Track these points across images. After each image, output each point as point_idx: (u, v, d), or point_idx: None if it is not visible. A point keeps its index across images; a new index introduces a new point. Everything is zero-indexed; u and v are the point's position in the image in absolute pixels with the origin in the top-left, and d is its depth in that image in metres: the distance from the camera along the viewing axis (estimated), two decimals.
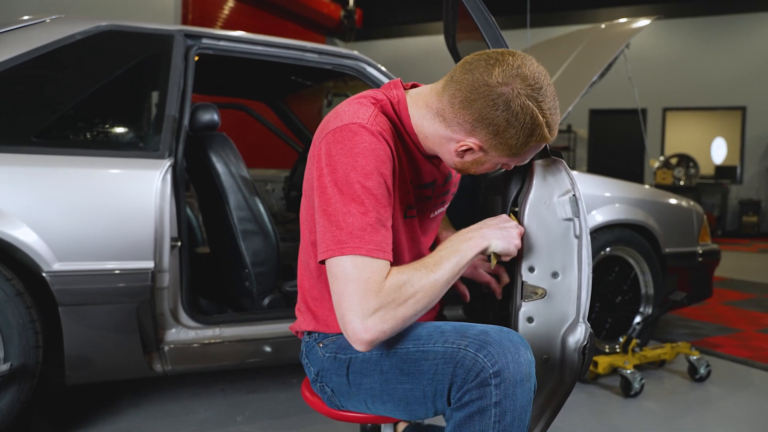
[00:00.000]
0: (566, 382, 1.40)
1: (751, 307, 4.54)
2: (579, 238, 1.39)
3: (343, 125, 1.18)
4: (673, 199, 3.19)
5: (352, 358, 1.27)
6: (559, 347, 1.40)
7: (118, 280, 2.00)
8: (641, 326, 2.89)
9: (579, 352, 1.37)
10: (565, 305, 1.39)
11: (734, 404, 2.56)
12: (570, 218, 1.38)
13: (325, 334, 1.36)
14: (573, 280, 1.39)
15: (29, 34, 2.06)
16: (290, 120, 3.77)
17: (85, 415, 2.29)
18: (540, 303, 1.39)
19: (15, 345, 1.88)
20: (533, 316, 1.39)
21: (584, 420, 2.33)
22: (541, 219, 1.39)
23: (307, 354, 1.40)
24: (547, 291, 1.39)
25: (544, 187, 1.39)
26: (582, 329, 1.38)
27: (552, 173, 1.41)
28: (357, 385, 1.26)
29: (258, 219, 2.34)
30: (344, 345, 1.30)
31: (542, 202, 1.39)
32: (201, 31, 2.31)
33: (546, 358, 1.40)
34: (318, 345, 1.37)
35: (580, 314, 1.39)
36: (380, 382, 1.23)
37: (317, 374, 1.35)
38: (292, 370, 2.81)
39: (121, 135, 2.27)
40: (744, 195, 10.72)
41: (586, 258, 1.39)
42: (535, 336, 1.39)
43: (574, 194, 1.39)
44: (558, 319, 1.40)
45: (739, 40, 10.69)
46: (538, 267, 1.39)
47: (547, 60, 3.45)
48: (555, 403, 1.42)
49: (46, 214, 1.91)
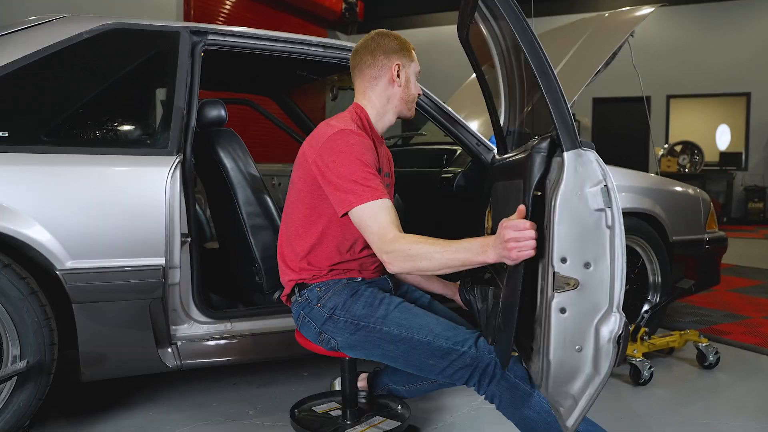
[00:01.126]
0: (601, 372, 1.41)
1: (759, 294, 4.54)
2: (611, 228, 1.39)
3: (337, 131, 1.71)
4: (680, 187, 3.19)
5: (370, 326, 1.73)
6: (593, 337, 1.41)
7: (130, 276, 2.01)
8: (650, 314, 2.89)
9: (614, 341, 1.38)
10: (598, 295, 1.40)
11: (743, 391, 2.57)
12: (602, 209, 1.39)
13: (318, 284, 1.80)
14: (605, 270, 1.39)
15: (37, 34, 2.07)
16: (295, 114, 3.77)
17: (100, 412, 2.32)
18: (572, 294, 1.40)
19: (30, 343, 1.90)
20: (566, 307, 1.40)
21: (595, 408, 2.32)
22: (573, 210, 1.39)
23: (308, 314, 1.81)
24: (580, 282, 1.39)
25: (576, 178, 1.40)
26: (616, 319, 1.39)
27: (583, 164, 1.41)
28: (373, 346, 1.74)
29: (267, 214, 2.35)
30: (340, 302, 1.76)
31: (574, 193, 1.39)
32: (207, 28, 2.32)
33: (579, 348, 1.41)
34: (317, 306, 1.78)
35: (613, 304, 1.40)
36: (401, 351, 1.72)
37: (320, 333, 1.79)
38: (303, 364, 2.83)
39: (129, 132, 2.28)
40: (749, 181, 10.68)
41: (619, 248, 1.39)
42: (568, 327, 1.40)
43: (606, 185, 1.39)
44: (591, 309, 1.41)
45: (743, 26, 10.62)
46: (570, 258, 1.39)
47: (551, 49, 3.43)
48: (589, 393, 1.43)
49: (58, 213, 1.93)
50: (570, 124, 1.45)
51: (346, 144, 1.68)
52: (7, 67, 1.98)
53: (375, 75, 1.86)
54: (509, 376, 1.64)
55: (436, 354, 1.67)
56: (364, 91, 1.88)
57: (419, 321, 1.72)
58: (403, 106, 1.90)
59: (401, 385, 2.11)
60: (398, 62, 1.85)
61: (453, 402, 2.37)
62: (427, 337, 1.68)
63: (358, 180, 1.63)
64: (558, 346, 1.42)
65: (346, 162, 1.65)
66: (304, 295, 1.83)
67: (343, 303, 1.77)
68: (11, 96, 2.03)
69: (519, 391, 1.64)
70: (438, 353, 1.67)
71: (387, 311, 1.73)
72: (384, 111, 1.88)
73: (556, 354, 1.43)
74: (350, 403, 1.98)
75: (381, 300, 1.77)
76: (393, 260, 1.55)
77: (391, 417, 2.02)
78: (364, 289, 1.80)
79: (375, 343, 1.73)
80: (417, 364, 1.71)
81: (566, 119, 1.45)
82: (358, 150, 1.68)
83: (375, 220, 1.60)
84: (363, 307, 1.75)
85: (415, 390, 2.11)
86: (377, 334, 1.72)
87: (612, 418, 2.26)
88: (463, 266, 1.50)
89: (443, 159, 3.13)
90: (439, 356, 1.67)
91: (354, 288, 1.81)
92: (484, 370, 1.65)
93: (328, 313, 1.77)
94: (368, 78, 1.87)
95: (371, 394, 2.18)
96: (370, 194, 1.62)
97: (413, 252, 1.52)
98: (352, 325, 1.75)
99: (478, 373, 1.65)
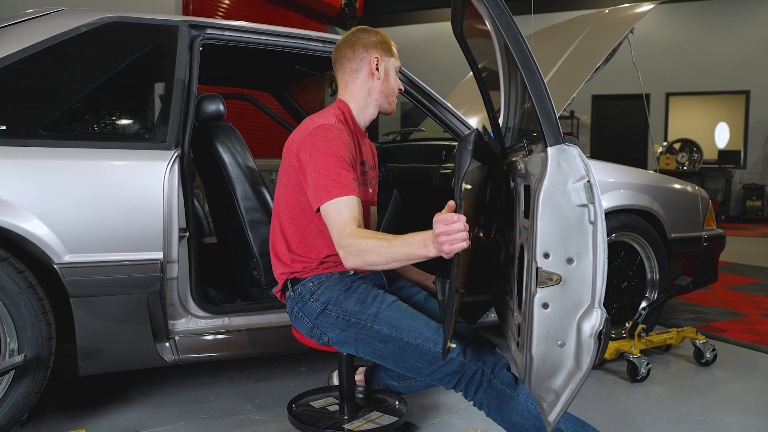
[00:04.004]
0: (582, 368, 1.41)
1: (756, 292, 4.55)
2: (594, 224, 1.39)
3: (317, 126, 1.77)
4: (678, 184, 3.19)
5: (361, 323, 1.74)
6: (575, 333, 1.41)
7: (128, 270, 2.01)
8: (647, 311, 2.90)
9: (595, 337, 1.38)
10: (580, 291, 1.40)
11: (740, 388, 2.57)
12: (585, 204, 1.39)
13: (310, 278, 1.82)
14: (588, 266, 1.40)
15: (35, 27, 2.06)
16: (294, 109, 3.77)
17: (98, 406, 2.32)
18: (555, 289, 1.40)
19: (28, 337, 1.90)
20: (548, 302, 1.40)
21: (592, 404, 2.35)
22: (556, 205, 1.39)
23: (301, 309, 1.83)
24: (562, 277, 1.40)
25: (559, 174, 1.40)
26: (598, 315, 1.39)
27: (566, 159, 1.41)
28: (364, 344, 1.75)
29: (265, 208, 2.35)
30: (333, 297, 1.77)
31: (557, 188, 1.39)
32: (205, 22, 2.31)
33: (561, 343, 1.41)
34: (309, 300, 1.80)
35: (595, 300, 1.40)
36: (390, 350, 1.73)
37: (312, 328, 1.81)
38: (300, 359, 2.83)
39: (128, 126, 2.28)
40: (748, 179, 10.69)
41: (601, 244, 1.39)
42: (551, 322, 1.40)
43: (588, 180, 1.39)
44: (573, 304, 1.41)
45: (742, 24, 10.61)
46: (553, 253, 1.39)
47: (551, 46, 3.44)
48: (571, 388, 1.43)
49: (55, 206, 1.92)
50: (554, 119, 1.45)
51: (325, 139, 1.73)
52: (5, 60, 1.97)
53: (355, 68, 1.90)
54: (496, 383, 1.65)
55: (424, 358, 1.67)
56: (345, 85, 1.93)
57: (410, 322, 1.71)
58: (383, 99, 1.93)
59: (397, 380, 2.11)
60: (377, 55, 1.89)
61: (450, 399, 2.37)
62: (416, 340, 1.68)
63: (331, 174, 1.68)
64: (540, 341, 1.43)
65: (323, 156, 1.71)
66: (297, 290, 1.84)
67: (335, 298, 1.78)
68: (9, 89, 2.02)
69: (506, 398, 1.65)
70: (426, 357, 1.67)
71: (379, 309, 1.73)
72: (365, 104, 1.93)
73: (538, 349, 1.43)
74: (348, 399, 1.98)
75: (374, 297, 1.77)
76: (346, 255, 1.60)
77: (389, 412, 2.02)
78: (358, 285, 1.81)
79: (365, 341, 1.73)
80: (405, 365, 1.72)
81: (550, 115, 1.45)
82: (335, 145, 1.73)
83: (337, 215, 1.65)
84: (355, 303, 1.76)
85: (411, 386, 2.11)
86: (368, 332, 1.72)
87: (609, 415, 2.26)
88: (409, 260, 1.52)
89: (442, 155, 3.13)
90: (427, 360, 1.67)
91: (347, 283, 1.81)
92: (471, 377, 1.66)
93: (321, 307, 1.78)
94: (348, 71, 1.91)
95: (369, 389, 2.18)
96: (339, 190, 1.66)
97: (362, 247, 1.56)
98: (343, 321, 1.75)
99: (465, 380, 1.66)
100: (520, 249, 1.69)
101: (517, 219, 1.72)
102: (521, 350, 1.56)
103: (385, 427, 1.92)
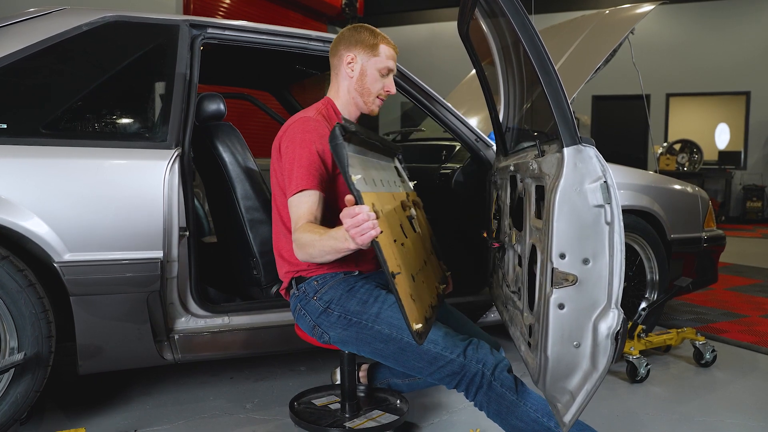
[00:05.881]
0: (598, 368, 1.41)
1: (756, 293, 4.55)
2: (610, 224, 1.39)
3: (298, 119, 1.82)
4: (678, 185, 3.19)
5: (362, 323, 1.74)
6: (591, 334, 1.40)
7: (127, 269, 2.01)
8: (647, 312, 2.90)
9: (612, 338, 1.38)
10: (597, 291, 1.40)
11: (740, 389, 2.57)
12: (601, 205, 1.39)
13: (315, 277, 1.82)
14: (604, 266, 1.39)
15: (36, 26, 2.06)
16: (294, 109, 3.76)
17: (97, 404, 2.32)
18: (571, 289, 1.39)
19: (28, 335, 1.90)
20: (564, 303, 1.40)
21: (591, 405, 2.35)
22: (572, 206, 1.39)
23: (304, 306, 1.83)
24: (578, 277, 1.39)
25: (575, 174, 1.40)
26: (615, 315, 1.39)
27: (583, 160, 1.41)
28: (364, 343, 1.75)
29: (265, 208, 2.35)
30: (336, 297, 1.77)
31: (573, 189, 1.39)
32: (206, 21, 2.31)
33: (577, 344, 1.41)
34: (313, 299, 1.80)
35: (612, 300, 1.40)
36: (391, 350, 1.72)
37: (314, 326, 1.81)
38: (300, 358, 2.84)
39: (128, 126, 2.28)
40: (748, 180, 10.69)
41: (618, 244, 1.39)
42: (566, 323, 1.40)
43: (605, 181, 1.39)
44: (589, 305, 1.40)
45: (743, 25, 10.61)
46: (569, 254, 1.39)
47: (551, 46, 3.43)
48: (587, 389, 1.43)
49: (56, 205, 1.92)
50: (570, 119, 1.45)
51: (302, 131, 1.78)
52: (6, 59, 1.97)
53: (335, 65, 1.94)
54: (496, 386, 1.65)
55: (424, 358, 1.68)
56: (332, 81, 1.97)
57: None
58: (358, 98, 1.93)
59: (400, 378, 2.12)
60: (353, 54, 1.89)
61: (451, 398, 2.37)
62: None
63: (303, 165, 1.73)
64: (556, 342, 1.42)
65: (298, 148, 1.75)
66: (302, 288, 1.84)
67: (338, 297, 1.78)
68: (10, 88, 2.02)
69: (506, 401, 1.65)
70: (426, 357, 1.68)
71: (380, 309, 1.74)
72: (345, 101, 1.95)
73: (554, 350, 1.43)
74: (349, 397, 1.99)
75: (376, 297, 1.77)
76: (295, 248, 1.67)
77: (390, 411, 2.02)
78: (361, 285, 1.81)
79: (366, 341, 1.74)
80: (406, 364, 1.72)
81: (566, 115, 1.44)
82: (310, 137, 1.77)
83: (296, 209, 1.71)
84: (357, 303, 1.76)
85: (414, 384, 2.11)
86: (369, 331, 1.73)
87: (608, 415, 2.27)
88: (338, 253, 1.53)
89: (442, 154, 3.13)
90: (427, 360, 1.68)
91: (351, 283, 1.81)
92: (471, 379, 1.66)
93: (323, 306, 1.78)
94: (332, 67, 1.96)
95: (370, 388, 2.18)
96: (304, 183, 1.71)
97: (302, 241, 1.61)
98: (345, 320, 1.75)
99: (466, 381, 1.66)
100: (530, 249, 1.69)
101: (528, 219, 1.71)
102: (534, 351, 1.55)
103: (386, 425, 1.92)
